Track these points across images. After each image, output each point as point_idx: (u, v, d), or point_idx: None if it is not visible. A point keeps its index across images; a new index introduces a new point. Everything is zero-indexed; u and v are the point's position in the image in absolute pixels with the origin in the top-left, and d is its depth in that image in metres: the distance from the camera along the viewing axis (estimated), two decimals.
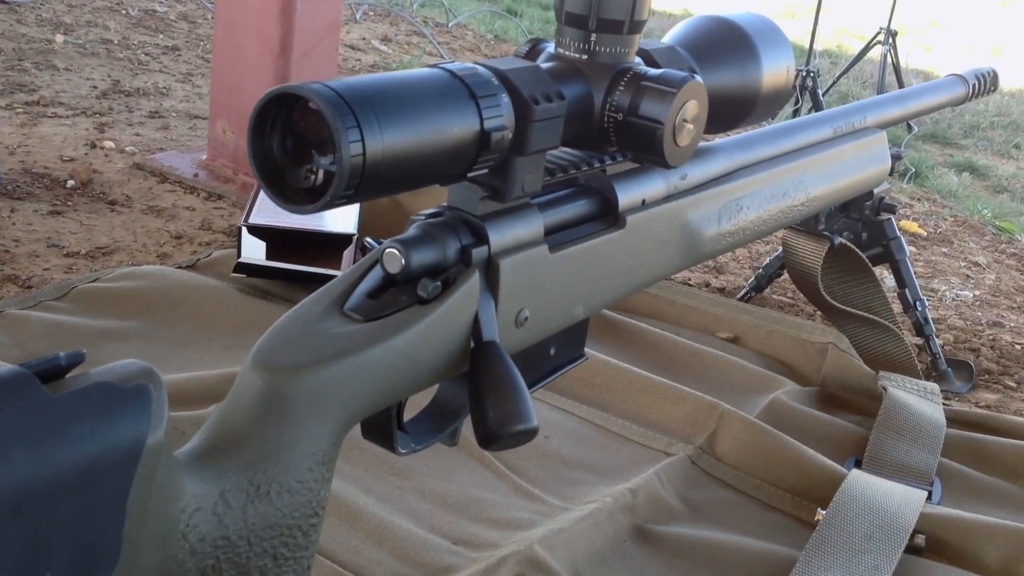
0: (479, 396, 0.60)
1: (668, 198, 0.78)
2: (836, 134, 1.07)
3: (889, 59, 4.64)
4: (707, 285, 1.63)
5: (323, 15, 1.64)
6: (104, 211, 1.54)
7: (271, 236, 1.32)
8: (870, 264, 1.33)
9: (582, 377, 1.18)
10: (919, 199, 2.98)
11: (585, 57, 0.65)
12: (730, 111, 0.79)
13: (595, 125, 0.67)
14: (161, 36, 2.84)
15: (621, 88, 0.65)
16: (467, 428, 0.64)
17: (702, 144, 0.87)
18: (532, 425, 0.59)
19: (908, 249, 2.16)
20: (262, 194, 1.37)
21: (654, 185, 0.77)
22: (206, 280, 1.31)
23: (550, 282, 0.68)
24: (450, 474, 0.98)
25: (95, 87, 2.27)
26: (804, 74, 3.86)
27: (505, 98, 0.57)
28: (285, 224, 1.31)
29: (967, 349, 1.49)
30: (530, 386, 0.77)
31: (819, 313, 1.44)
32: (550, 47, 0.68)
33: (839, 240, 1.29)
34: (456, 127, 0.54)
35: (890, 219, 1.40)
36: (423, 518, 0.91)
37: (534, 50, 0.69)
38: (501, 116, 0.56)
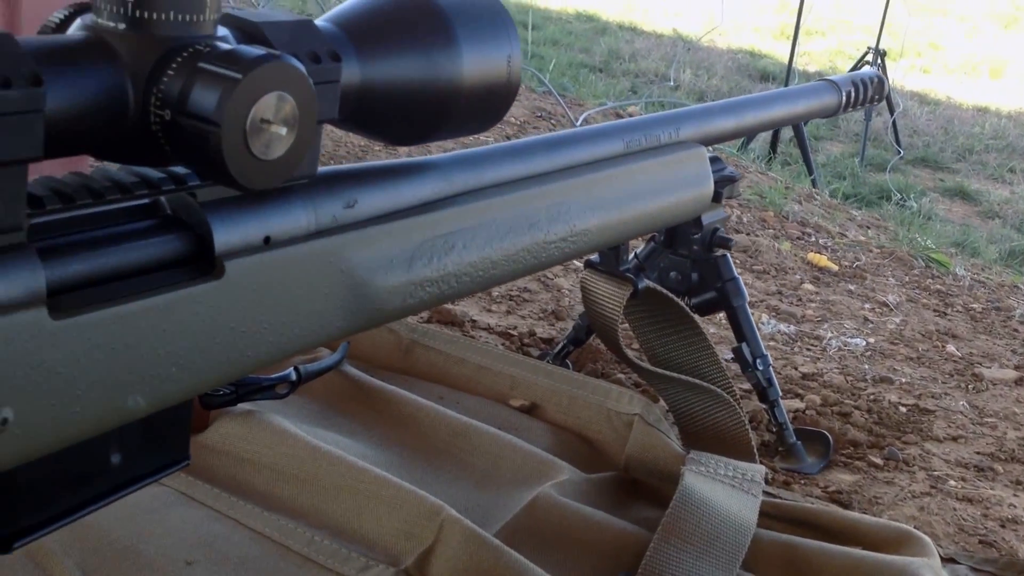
0: None
1: (316, 235, 0.53)
2: (629, 150, 0.81)
3: None
4: (532, 335, 1.35)
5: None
6: None
7: None
8: (691, 312, 1.06)
9: (282, 470, 0.90)
10: (866, 226, 2.71)
11: (122, 27, 0.42)
12: (415, 114, 0.55)
13: (136, 128, 0.43)
14: None
15: (172, 72, 0.42)
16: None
17: (404, 161, 0.62)
18: None
19: (806, 287, 1.90)
20: None
21: (290, 216, 0.52)
22: None
23: (59, 363, 0.43)
24: None
25: None
26: None
27: None
28: None
29: (836, 414, 1.21)
30: (67, 514, 0.50)
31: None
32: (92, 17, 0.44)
33: (644, 283, 1.02)
34: None
35: (725, 255, 1.13)
36: None
37: (70, 19, 0.45)
38: None
